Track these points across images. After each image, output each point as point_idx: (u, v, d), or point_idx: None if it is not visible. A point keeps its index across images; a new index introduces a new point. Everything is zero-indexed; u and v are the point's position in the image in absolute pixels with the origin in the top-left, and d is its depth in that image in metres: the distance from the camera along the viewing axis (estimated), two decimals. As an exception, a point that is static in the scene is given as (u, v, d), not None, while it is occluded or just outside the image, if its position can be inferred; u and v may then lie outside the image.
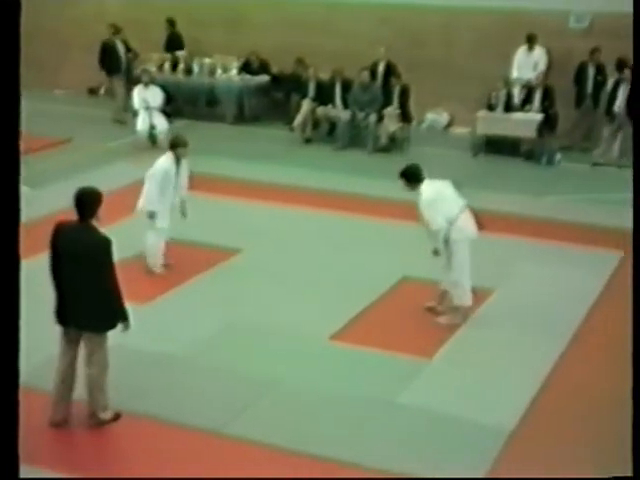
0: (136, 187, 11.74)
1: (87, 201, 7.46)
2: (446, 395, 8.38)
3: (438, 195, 9.72)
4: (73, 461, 7.33)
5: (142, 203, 10.93)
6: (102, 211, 7.53)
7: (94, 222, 7.47)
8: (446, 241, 9.65)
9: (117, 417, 7.84)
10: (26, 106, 18.73)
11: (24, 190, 15.19)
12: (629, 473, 4.31)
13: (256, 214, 12.93)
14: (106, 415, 7.79)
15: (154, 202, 10.81)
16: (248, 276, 11.09)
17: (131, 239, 11.16)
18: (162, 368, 8.76)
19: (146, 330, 9.17)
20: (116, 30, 19.48)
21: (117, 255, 9.44)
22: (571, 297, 10.49)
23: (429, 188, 9.72)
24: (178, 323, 9.69)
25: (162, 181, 10.76)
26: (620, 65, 16.31)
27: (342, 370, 8.85)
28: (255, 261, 11.53)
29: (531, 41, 17.24)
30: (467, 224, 9.84)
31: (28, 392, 7.02)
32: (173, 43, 20.31)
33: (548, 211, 13.58)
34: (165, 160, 10.84)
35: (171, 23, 20.27)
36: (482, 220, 10.04)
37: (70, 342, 7.72)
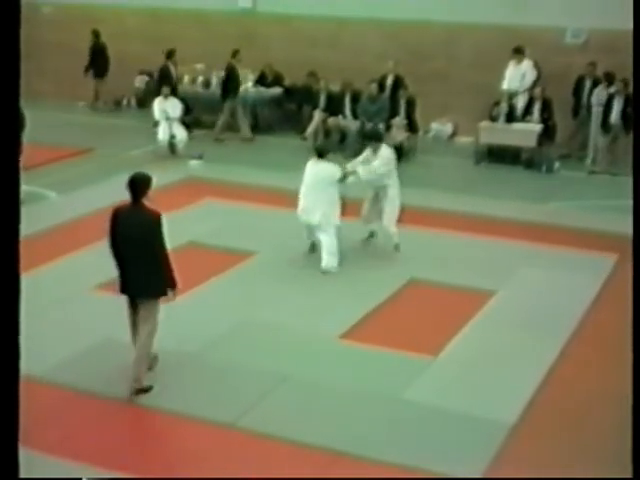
0: (157, 193, 11.74)
1: (139, 184, 8.06)
2: (450, 391, 8.35)
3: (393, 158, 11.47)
4: (88, 453, 7.30)
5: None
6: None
7: (145, 201, 8.06)
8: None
9: (150, 389, 8.15)
10: (52, 118, 18.93)
11: (51, 196, 15.36)
12: (628, 472, 4.27)
13: (270, 219, 12.92)
14: (143, 383, 8.16)
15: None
16: (262, 277, 11.08)
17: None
18: (178, 364, 8.74)
19: (165, 328, 9.17)
20: (169, 54, 19.08)
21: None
22: (569, 298, 10.46)
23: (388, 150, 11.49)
24: (195, 321, 9.68)
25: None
26: (609, 78, 16.33)
27: (351, 367, 8.82)
28: (269, 263, 11.53)
29: (518, 53, 17.21)
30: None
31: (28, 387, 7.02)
32: (97, 53, 21.06)
33: (547, 217, 13.53)
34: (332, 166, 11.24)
35: (95, 35, 20.98)
36: None
37: (133, 309, 8.27)
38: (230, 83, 18.59)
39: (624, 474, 4.70)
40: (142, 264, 7.99)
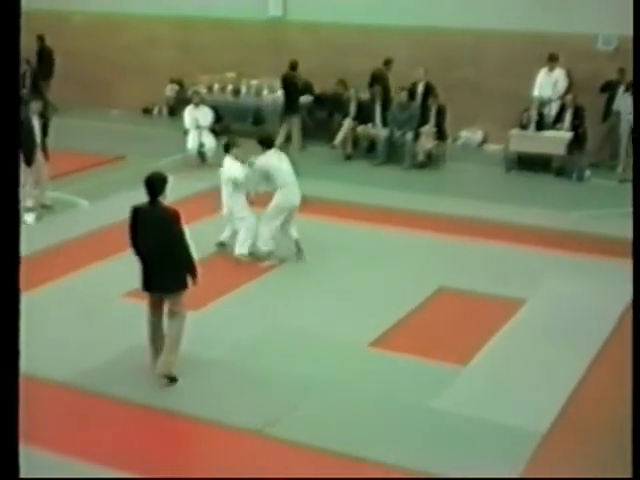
0: (185, 201, 11.82)
1: (155, 183, 8.33)
2: (479, 400, 8.31)
3: (271, 164, 11.67)
4: (117, 458, 7.34)
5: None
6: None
7: (162, 199, 8.32)
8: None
9: (176, 380, 8.45)
10: (84, 125, 18.97)
11: (83, 204, 15.43)
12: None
13: (298, 226, 12.90)
14: (173, 372, 8.47)
15: None
16: (291, 285, 11.09)
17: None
18: (207, 371, 8.77)
19: (194, 335, 9.21)
20: (293, 66, 18.60)
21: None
22: (599, 308, 10.37)
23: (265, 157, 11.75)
24: (225, 328, 9.71)
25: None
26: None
27: (380, 375, 8.80)
28: (297, 270, 11.53)
29: (552, 61, 17.12)
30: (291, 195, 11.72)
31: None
32: (44, 55, 21.75)
33: (577, 225, 13.45)
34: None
35: (41, 39, 21.60)
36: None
37: (155, 305, 8.51)
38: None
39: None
40: (163, 260, 8.24)
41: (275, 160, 11.72)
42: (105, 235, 12.49)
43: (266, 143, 11.86)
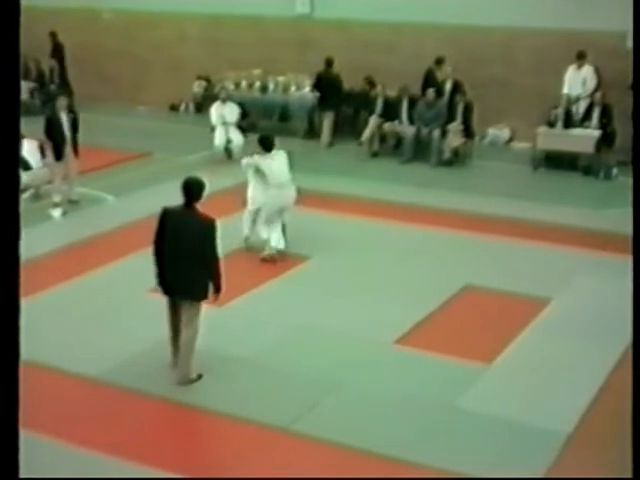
0: (212, 197, 11.81)
1: (193, 188, 8.21)
2: (505, 399, 8.27)
3: (261, 162, 11.71)
4: (143, 453, 7.36)
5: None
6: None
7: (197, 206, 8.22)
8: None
9: (200, 377, 8.42)
10: (112, 122, 19.09)
11: (109, 199, 15.50)
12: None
13: (325, 223, 12.92)
14: (192, 375, 8.39)
15: None
16: (316, 282, 11.07)
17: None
18: (233, 368, 8.78)
19: (219, 332, 9.22)
20: (329, 62, 18.61)
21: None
22: (626, 307, 10.27)
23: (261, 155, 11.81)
24: (250, 325, 9.72)
25: None
26: None
27: (405, 373, 8.78)
28: (323, 268, 11.52)
29: (580, 58, 16.99)
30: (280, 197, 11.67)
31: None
32: (56, 51, 22.12)
33: (605, 224, 13.34)
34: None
35: (53, 35, 22.02)
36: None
37: (174, 307, 8.37)
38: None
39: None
40: (189, 266, 8.09)
41: (268, 159, 11.67)
42: (131, 230, 12.54)
43: (265, 143, 11.77)
